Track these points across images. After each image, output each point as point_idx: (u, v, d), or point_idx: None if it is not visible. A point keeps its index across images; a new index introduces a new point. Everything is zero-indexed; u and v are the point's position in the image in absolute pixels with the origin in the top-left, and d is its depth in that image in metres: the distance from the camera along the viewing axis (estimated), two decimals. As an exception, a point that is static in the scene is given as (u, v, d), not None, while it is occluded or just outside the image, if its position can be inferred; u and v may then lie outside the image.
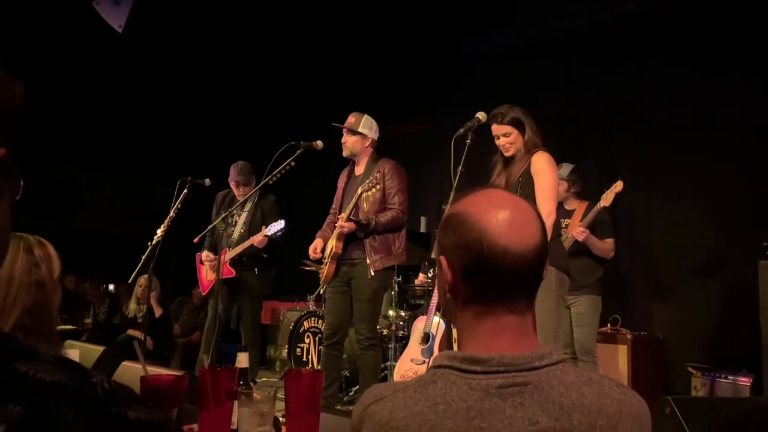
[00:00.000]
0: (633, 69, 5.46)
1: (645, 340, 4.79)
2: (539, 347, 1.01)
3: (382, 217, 3.92)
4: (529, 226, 1.02)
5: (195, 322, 7.15)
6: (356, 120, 4.09)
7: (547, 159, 3.25)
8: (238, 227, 4.92)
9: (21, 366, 0.56)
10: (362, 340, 3.95)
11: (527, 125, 3.32)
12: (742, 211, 4.74)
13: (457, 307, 1.05)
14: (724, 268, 4.76)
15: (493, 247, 0.98)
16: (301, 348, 5.54)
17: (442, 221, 1.09)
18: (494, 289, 1.01)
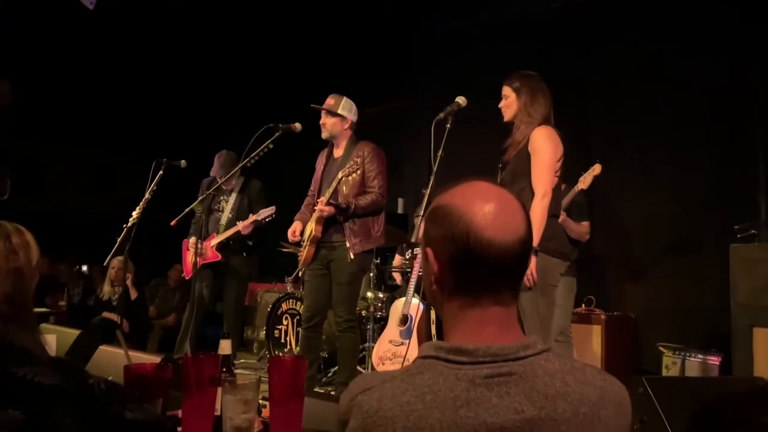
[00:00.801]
0: (607, 50, 5.50)
1: (618, 320, 4.88)
2: (524, 337, 1.03)
3: (361, 201, 3.92)
4: (514, 219, 1.03)
5: (171, 304, 7.11)
6: (335, 102, 4.07)
7: (547, 135, 3.09)
8: (226, 213, 4.92)
9: (18, 370, 0.57)
10: (341, 322, 3.97)
11: (523, 94, 3.19)
12: (713, 194, 4.84)
13: (444, 297, 1.06)
14: (695, 250, 4.86)
15: (479, 239, 1.00)
16: (279, 330, 5.55)
17: (428, 213, 1.10)
18: (480, 280, 1.02)
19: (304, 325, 4.09)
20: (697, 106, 4.96)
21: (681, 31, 5.04)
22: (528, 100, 3.18)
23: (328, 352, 5.01)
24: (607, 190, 5.23)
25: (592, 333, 4.76)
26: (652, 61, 5.20)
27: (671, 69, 5.07)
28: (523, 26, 6.04)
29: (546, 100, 3.19)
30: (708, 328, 4.58)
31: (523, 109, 3.18)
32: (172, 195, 5.18)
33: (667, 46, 5.09)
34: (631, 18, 5.38)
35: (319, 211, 3.92)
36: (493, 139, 3.69)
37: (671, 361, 4.55)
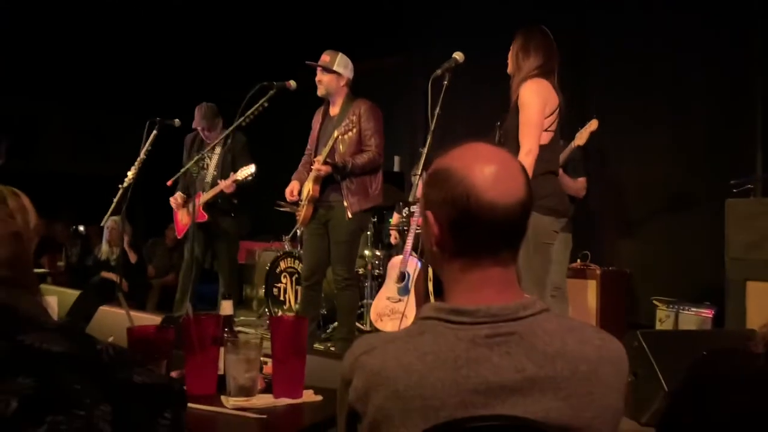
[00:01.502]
0: (606, 6, 5.41)
1: (613, 274, 4.93)
2: (523, 297, 1.04)
3: (358, 159, 3.90)
4: (514, 181, 1.03)
5: (169, 264, 7.15)
6: (331, 58, 4.01)
7: (533, 89, 2.99)
8: (210, 170, 4.86)
9: (26, 338, 0.57)
10: (340, 280, 4.00)
11: (516, 46, 3.11)
12: (710, 149, 4.83)
13: (444, 259, 1.07)
14: (691, 204, 4.88)
15: (479, 201, 1.00)
16: (277, 288, 5.60)
17: (428, 176, 1.10)
18: (480, 242, 1.03)
19: (304, 283, 4.12)
20: (694, 60, 4.91)
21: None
22: (519, 52, 3.09)
23: (327, 309, 5.07)
24: (603, 146, 5.22)
25: (587, 288, 4.81)
26: (649, 17, 5.13)
27: (669, 25, 5.00)
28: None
29: (538, 52, 3.07)
30: (702, 282, 4.63)
31: (514, 61, 3.10)
32: (167, 154, 5.16)
33: (665, 3, 5.02)
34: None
35: (316, 170, 3.91)
36: (492, 95, 3.67)
37: (665, 314, 4.62)
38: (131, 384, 0.60)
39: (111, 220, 5.65)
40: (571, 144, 4.35)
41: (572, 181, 4.39)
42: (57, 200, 7.73)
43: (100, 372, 0.59)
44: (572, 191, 4.41)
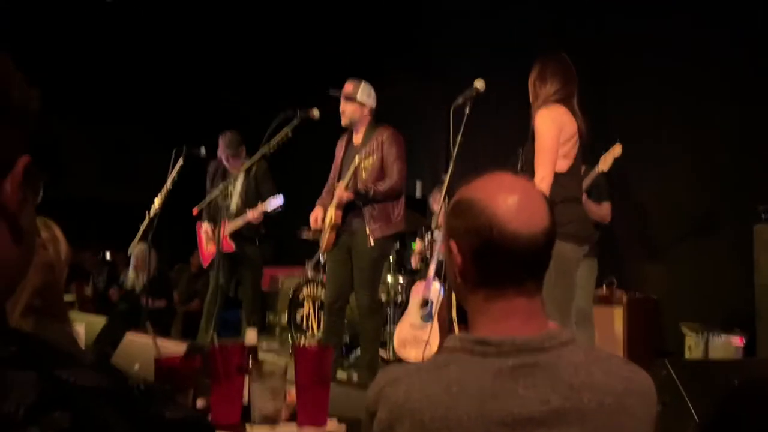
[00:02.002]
0: (627, 29, 5.41)
1: (640, 301, 4.85)
2: (549, 327, 1.03)
3: (380, 186, 3.92)
4: (537, 210, 1.03)
5: (193, 290, 7.20)
6: (354, 87, 4.05)
7: (547, 116, 3.02)
8: (234, 199, 4.92)
9: (62, 373, 0.58)
10: (363, 307, 4.00)
11: (533, 74, 3.15)
12: (736, 174, 4.76)
13: (468, 289, 1.07)
14: (718, 229, 4.81)
15: (502, 232, 1.00)
16: (300, 314, 5.60)
17: (451, 205, 1.11)
18: (504, 272, 1.03)
19: (327, 309, 4.12)
20: (720, 82, 4.87)
21: (703, 7, 4.94)
22: (536, 80, 3.12)
23: (350, 335, 5.05)
24: (627, 170, 5.17)
25: (614, 314, 4.74)
26: (672, 38, 5.11)
27: (692, 47, 4.98)
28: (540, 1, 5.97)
29: (555, 78, 3.09)
30: (731, 309, 4.53)
31: (531, 89, 3.13)
32: (193, 182, 5.24)
33: (687, 21, 5.00)
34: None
35: (338, 197, 3.93)
36: (514, 121, 3.68)
37: (694, 342, 4.53)
38: (163, 419, 0.61)
39: (138, 247, 5.73)
40: (594, 169, 4.33)
41: (597, 207, 4.36)
42: (84, 227, 7.88)
43: (132, 407, 0.60)
44: (597, 217, 4.38)
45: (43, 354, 0.61)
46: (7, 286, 0.69)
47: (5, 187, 0.66)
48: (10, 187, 0.66)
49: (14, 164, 0.67)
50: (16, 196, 0.66)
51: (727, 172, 4.81)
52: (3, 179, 0.65)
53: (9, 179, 0.66)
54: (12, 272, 0.70)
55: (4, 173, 0.66)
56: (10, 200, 0.66)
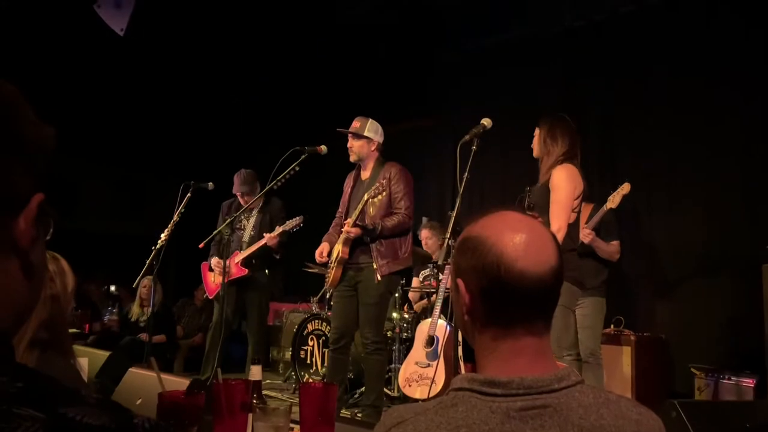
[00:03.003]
0: (633, 69, 5.48)
1: (648, 341, 4.80)
2: (557, 368, 1.02)
3: (388, 222, 3.94)
4: (545, 249, 1.03)
5: (198, 324, 7.18)
6: (361, 124, 4.11)
7: (567, 175, 3.29)
8: (248, 230, 4.99)
9: (68, 410, 0.58)
10: (368, 344, 3.97)
11: (543, 131, 3.42)
12: (746, 212, 4.76)
13: (475, 328, 1.07)
14: (726, 269, 4.78)
15: (510, 270, 1.00)
16: (305, 350, 5.56)
17: (458, 243, 1.11)
18: (512, 311, 1.02)
19: (332, 346, 4.09)
20: (728, 122, 4.90)
21: (710, 48, 5.00)
22: (547, 138, 3.41)
23: (354, 373, 5.01)
24: (635, 207, 5.18)
25: (622, 354, 4.69)
26: (679, 80, 5.16)
27: (701, 85, 5.02)
28: (548, 46, 6.06)
29: (564, 138, 3.38)
30: (741, 350, 4.48)
31: (543, 145, 3.41)
32: (199, 216, 5.26)
33: (697, 63, 5.06)
34: (658, 35, 5.36)
35: (346, 232, 3.95)
36: (520, 158, 3.72)
37: (704, 383, 4.46)
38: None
39: (144, 279, 5.73)
40: (603, 207, 4.34)
41: (605, 245, 4.36)
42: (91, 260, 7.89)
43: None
44: (605, 255, 4.38)
45: (48, 391, 0.61)
46: (15, 322, 0.70)
47: (19, 224, 0.66)
48: (24, 224, 0.67)
49: (28, 201, 0.67)
50: (29, 233, 0.67)
51: (736, 211, 4.80)
52: (17, 216, 0.66)
53: (23, 216, 0.67)
54: (22, 308, 0.70)
55: (18, 210, 0.66)
56: (23, 237, 0.66)
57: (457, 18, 6.25)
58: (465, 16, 6.20)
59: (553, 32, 6.02)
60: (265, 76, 7.60)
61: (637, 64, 5.46)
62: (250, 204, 4.72)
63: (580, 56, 5.86)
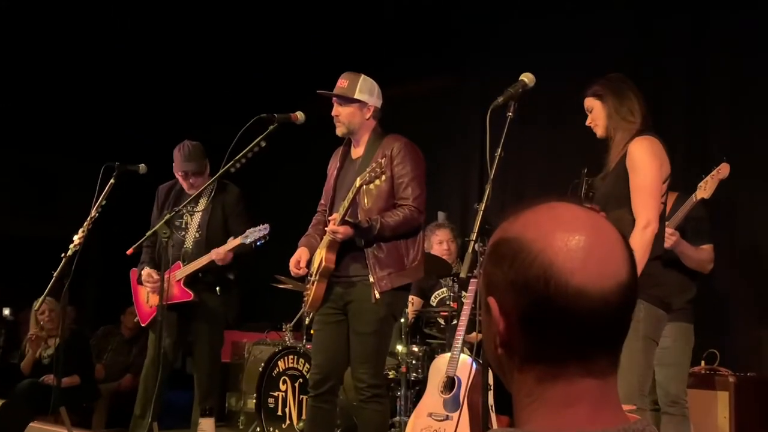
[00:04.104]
0: (734, 5, 5.47)
1: (753, 382, 4.82)
2: (627, 420, 1.03)
3: (389, 218, 3.93)
4: (612, 257, 1.03)
5: (126, 361, 7.18)
6: (350, 83, 4.09)
7: (649, 148, 3.32)
8: (192, 231, 4.93)
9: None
10: (363, 388, 3.97)
11: (609, 97, 3.45)
12: None
13: (513, 365, 1.07)
14: None
15: (563, 287, 1.00)
16: (274, 397, 5.57)
17: (490, 249, 1.11)
18: (565, 344, 1.02)
19: (312, 392, 4.09)
20: None
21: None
22: (616, 103, 3.45)
23: (344, 428, 5.02)
24: (735, 201, 5.19)
25: (717, 401, 4.71)
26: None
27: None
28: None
29: (639, 99, 3.44)
30: None
31: (614, 114, 3.45)
32: (129, 211, 5.27)
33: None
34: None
35: (332, 233, 3.94)
36: (570, 131, 3.73)
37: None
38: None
39: (46, 302, 5.72)
40: (691, 197, 4.32)
41: (694, 250, 4.37)
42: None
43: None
44: (694, 264, 4.38)
45: None
46: None
47: None
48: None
49: None
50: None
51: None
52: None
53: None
54: None
55: None
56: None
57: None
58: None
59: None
60: (216, 15, 7.57)
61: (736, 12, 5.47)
62: (197, 193, 4.66)
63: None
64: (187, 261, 4.86)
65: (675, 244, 4.30)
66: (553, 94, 4.55)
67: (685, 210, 4.33)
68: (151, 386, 4.66)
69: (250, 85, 7.76)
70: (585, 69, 3.47)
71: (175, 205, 4.83)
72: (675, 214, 4.38)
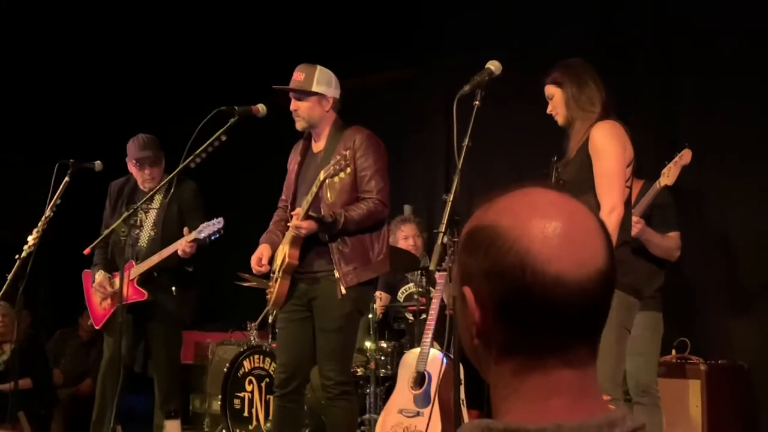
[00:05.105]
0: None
1: (724, 370, 4.88)
2: (607, 409, 1.03)
3: (353, 212, 3.93)
4: (590, 243, 1.02)
5: (84, 365, 7.11)
6: (307, 75, 4.08)
7: (610, 132, 3.36)
8: (147, 229, 4.89)
9: None
10: (331, 386, 3.97)
11: (568, 84, 3.48)
12: None
13: (490, 357, 1.06)
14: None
15: (539, 275, 0.99)
16: (240, 398, 5.55)
17: (464, 237, 1.09)
18: (542, 333, 1.02)
19: (278, 391, 4.09)
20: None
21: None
22: (576, 90, 3.48)
23: (313, 427, 5.01)
24: (701, 187, 5.23)
25: (688, 389, 4.76)
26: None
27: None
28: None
29: (599, 86, 3.48)
30: None
31: (572, 102, 3.48)
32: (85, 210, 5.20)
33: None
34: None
35: (295, 228, 3.93)
36: (541, 118, 3.74)
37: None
38: None
39: (0, 306, 5.65)
40: (655, 184, 4.37)
41: (660, 238, 4.40)
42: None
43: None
44: (661, 251, 4.42)
45: None
46: None
47: None
48: None
49: None
50: None
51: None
52: None
53: None
54: None
55: None
56: None
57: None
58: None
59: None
60: (171, 8, 7.50)
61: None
62: (153, 190, 4.60)
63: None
64: (140, 260, 4.82)
65: (641, 231, 4.34)
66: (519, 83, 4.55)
67: (650, 197, 4.38)
68: (110, 390, 4.62)
69: (207, 79, 7.69)
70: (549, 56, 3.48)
71: (129, 202, 4.78)
72: (641, 201, 4.42)
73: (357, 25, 7.05)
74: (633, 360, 4.29)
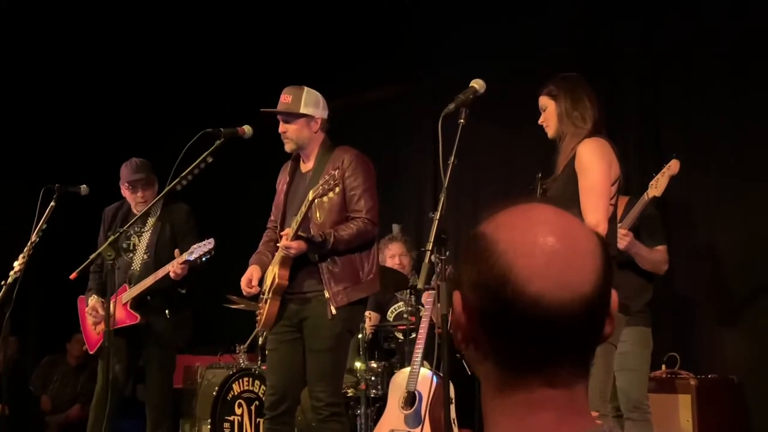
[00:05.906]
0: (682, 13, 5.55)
1: (714, 384, 4.87)
2: (595, 424, 1.03)
3: (343, 231, 3.93)
4: (577, 267, 1.01)
5: (73, 392, 7.09)
6: (294, 97, 4.09)
7: (597, 149, 3.37)
8: (140, 253, 4.88)
9: None
10: (321, 407, 3.95)
11: (562, 98, 3.49)
12: None
13: (478, 360, 1.07)
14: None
15: (519, 293, 0.98)
16: (230, 422, 5.52)
17: (466, 242, 1.09)
18: (523, 351, 1.02)
19: (269, 413, 4.06)
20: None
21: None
22: (569, 104, 3.48)
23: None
24: (689, 199, 5.25)
25: (679, 404, 4.75)
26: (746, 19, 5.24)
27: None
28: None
29: (593, 103, 3.48)
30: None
31: (565, 116, 3.49)
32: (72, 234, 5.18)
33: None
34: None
35: (284, 248, 3.93)
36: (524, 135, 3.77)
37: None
38: None
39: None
40: (643, 196, 4.37)
41: (648, 251, 4.41)
42: None
43: None
44: (648, 265, 4.42)
45: None
46: None
47: None
48: None
49: None
50: None
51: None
52: None
53: None
54: None
55: None
56: None
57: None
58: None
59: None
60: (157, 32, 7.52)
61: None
62: (143, 211, 4.60)
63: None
64: (133, 283, 4.81)
65: (630, 245, 4.34)
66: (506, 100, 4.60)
67: (638, 209, 4.36)
68: (102, 415, 4.59)
69: (195, 102, 7.70)
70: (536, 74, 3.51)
71: (122, 226, 4.77)
72: (628, 214, 4.42)
73: (344, 46, 7.09)
74: (623, 376, 4.30)
